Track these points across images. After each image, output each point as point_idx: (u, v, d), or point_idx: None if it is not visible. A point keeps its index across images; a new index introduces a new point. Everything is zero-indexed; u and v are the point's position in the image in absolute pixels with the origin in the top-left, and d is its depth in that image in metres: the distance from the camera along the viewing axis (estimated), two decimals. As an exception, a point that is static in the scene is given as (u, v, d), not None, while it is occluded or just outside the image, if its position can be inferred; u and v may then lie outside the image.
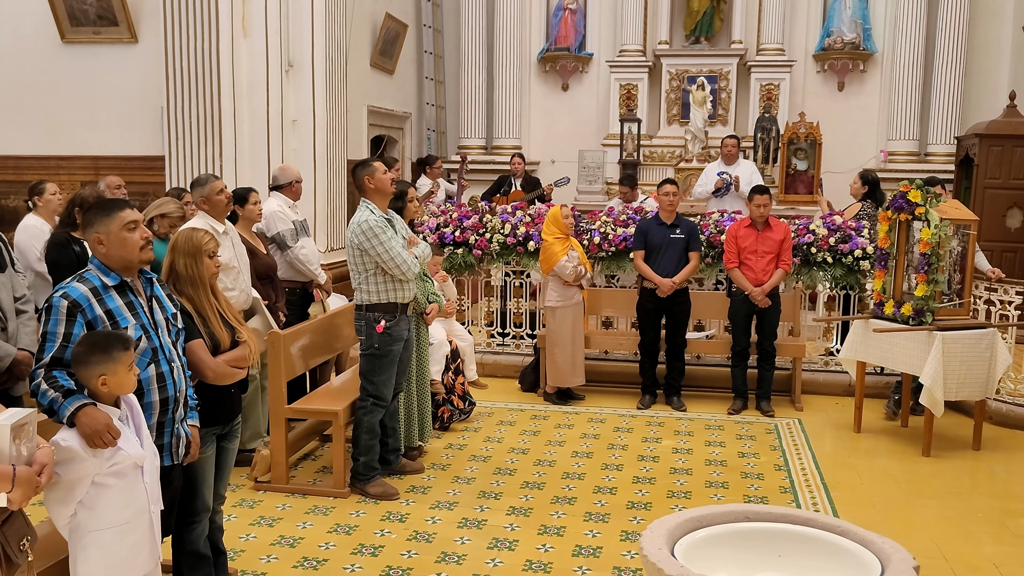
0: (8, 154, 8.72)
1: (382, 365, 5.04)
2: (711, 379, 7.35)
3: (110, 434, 2.75)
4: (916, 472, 5.58)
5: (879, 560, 2.22)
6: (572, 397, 7.08)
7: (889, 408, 6.71)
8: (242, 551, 4.33)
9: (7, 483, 2.33)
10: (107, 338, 2.83)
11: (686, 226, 6.87)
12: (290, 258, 6.02)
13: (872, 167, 10.02)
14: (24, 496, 2.40)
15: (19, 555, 2.44)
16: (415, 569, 4.16)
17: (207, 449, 3.51)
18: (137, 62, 8.38)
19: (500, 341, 7.98)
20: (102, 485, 2.75)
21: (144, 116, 8.35)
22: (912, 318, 5.84)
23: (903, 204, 5.91)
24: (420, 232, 6.73)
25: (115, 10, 8.35)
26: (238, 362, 3.60)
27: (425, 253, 5.35)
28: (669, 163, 11.08)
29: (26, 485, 2.40)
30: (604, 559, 4.29)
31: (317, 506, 4.92)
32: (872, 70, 11.39)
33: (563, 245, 6.72)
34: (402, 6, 11.05)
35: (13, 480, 2.35)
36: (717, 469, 5.59)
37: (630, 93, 11.50)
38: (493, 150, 12.08)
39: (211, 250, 3.60)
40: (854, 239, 7.05)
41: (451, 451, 5.89)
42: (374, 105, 10.34)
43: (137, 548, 2.84)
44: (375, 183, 4.97)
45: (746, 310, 6.71)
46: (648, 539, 2.26)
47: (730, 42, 11.34)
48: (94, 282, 2.98)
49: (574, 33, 11.87)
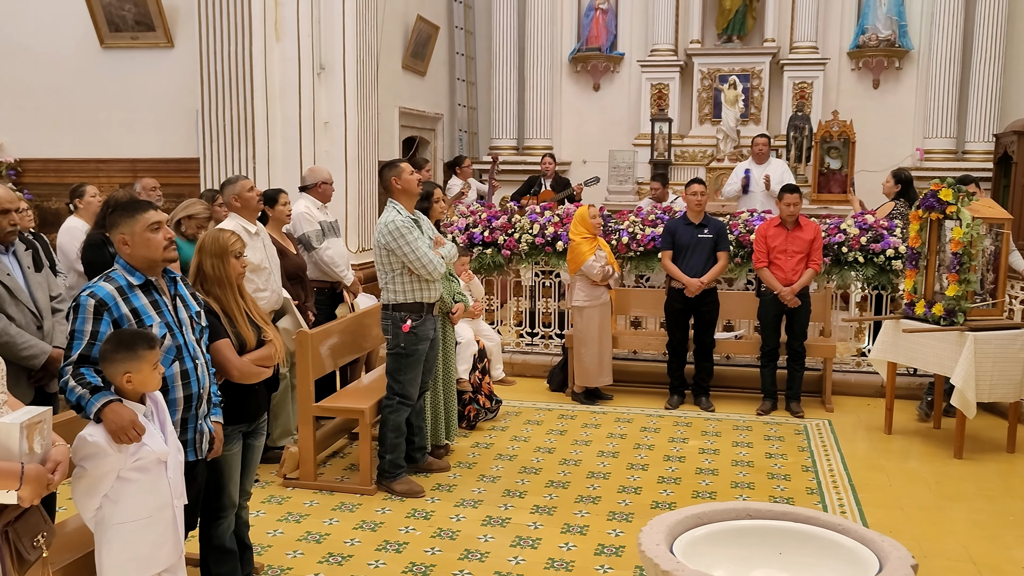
0: (49, 157, 8.93)
1: (408, 364, 5.10)
2: (740, 379, 7.31)
3: (135, 430, 2.82)
4: (947, 475, 5.51)
5: (878, 558, 2.22)
6: (600, 397, 7.09)
7: (921, 410, 6.63)
8: (269, 546, 4.41)
9: (15, 481, 2.38)
10: (133, 336, 2.90)
11: (714, 226, 6.84)
12: (315, 259, 6.10)
13: (908, 166, 9.89)
14: (34, 494, 2.44)
15: (32, 551, 2.49)
16: (438, 566, 4.21)
17: (233, 446, 3.59)
18: (173, 66, 8.53)
19: (529, 341, 8.01)
20: (126, 479, 2.83)
21: (179, 119, 8.49)
22: (943, 318, 5.76)
23: (934, 203, 5.84)
24: (448, 232, 6.79)
25: (152, 16, 8.51)
26: (263, 361, 3.66)
27: (451, 253, 5.39)
28: (700, 163, 11.03)
29: (36, 483, 2.43)
30: (627, 558, 4.30)
31: (344, 503, 4.99)
32: (908, 67, 11.22)
33: (590, 245, 6.73)
34: (434, 8, 11.12)
35: (21, 478, 2.39)
36: (744, 470, 5.56)
37: (661, 93, 11.46)
38: (524, 150, 12.10)
39: (237, 251, 3.67)
40: (886, 238, 6.98)
41: (477, 450, 5.93)
42: (406, 107, 10.41)
43: (160, 541, 2.91)
44: (402, 183, 5.04)
45: (775, 310, 6.67)
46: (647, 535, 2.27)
47: (763, 40, 11.24)
48: (120, 281, 3.07)
49: (605, 33, 11.85)
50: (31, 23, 8.82)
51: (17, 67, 8.85)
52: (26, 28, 8.83)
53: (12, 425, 2.38)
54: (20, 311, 3.98)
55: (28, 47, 8.82)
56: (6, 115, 8.92)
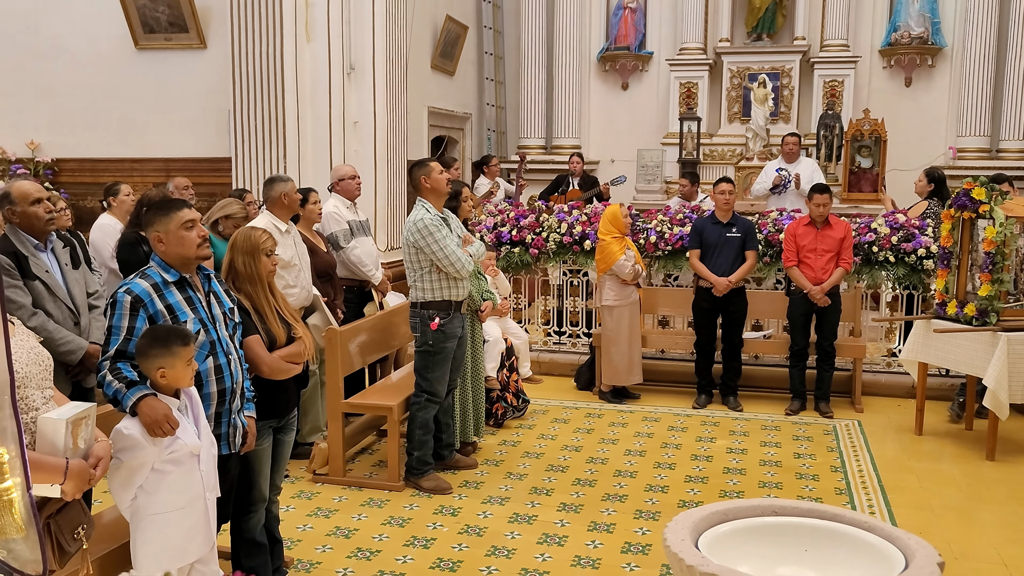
0: (85, 157, 9.08)
1: (436, 362, 5.14)
2: (769, 379, 7.28)
3: (169, 424, 2.88)
4: (979, 476, 5.45)
5: (904, 555, 2.21)
6: (627, 396, 7.09)
7: (953, 411, 6.56)
8: (299, 540, 4.47)
9: (59, 475, 2.45)
10: (168, 332, 2.96)
11: (742, 225, 6.82)
12: (343, 258, 6.15)
13: (940, 164, 9.77)
14: (77, 488, 2.52)
15: (72, 543, 2.57)
16: (465, 562, 4.24)
17: (263, 441, 3.64)
18: (206, 67, 8.64)
19: (556, 339, 8.03)
20: (161, 472, 2.90)
21: (212, 119, 8.60)
22: (976, 318, 5.70)
23: (966, 202, 5.78)
24: (476, 231, 6.82)
25: (185, 17, 8.63)
26: (293, 358, 3.72)
27: (480, 251, 5.42)
28: (729, 161, 10.97)
29: (78, 478, 2.51)
30: (653, 556, 4.30)
31: (372, 499, 5.04)
32: (941, 65, 11.09)
33: (620, 244, 6.73)
34: (462, 8, 11.16)
35: (65, 473, 2.46)
36: (771, 470, 5.54)
37: (690, 91, 11.42)
38: (552, 150, 12.11)
39: (268, 248, 3.72)
40: (917, 238, 6.91)
41: (504, 447, 5.96)
42: (434, 106, 10.47)
43: (193, 532, 2.97)
44: (431, 182, 5.07)
45: (805, 309, 6.63)
46: (672, 531, 2.28)
47: (793, 38, 11.17)
48: (155, 278, 3.14)
49: (634, 32, 11.83)
50: (69, 25, 8.98)
51: (55, 69, 9.01)
52: (64, 30, 8.99)
53: (59, 421, 2.44)
54: (58, 307, 4.07)
55: (66, 49, 8.99)
56: (44, 116, 9.09)
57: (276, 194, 5.30)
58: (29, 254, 4.02)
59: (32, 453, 2.38)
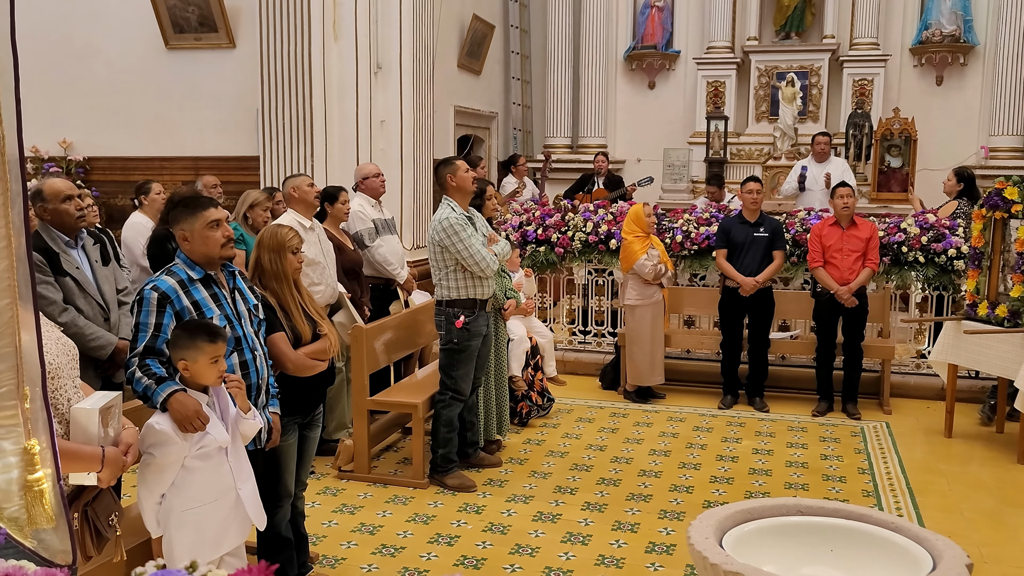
0: (116, 155, 9.20)
1: (461, 360, 5.15)
2: (795, 380, 7.22)
3: (199, 419, 2.91)
4: (1009, 480, 5.38)
5: (931, 556, 2.19)
6: (652, 396, 7.07)
7: (984, 413, 6.47)
8: (324, 536, 4.49)
9: (97, 464, 2.50)
10: (197, 326, 2.99)
11: (770, 224, 6.77)
12: (369, 257, 6.18)
13: (972, 164, 9.65)
14: (112, 475, 2.57)
15: (108, 529, 2.62)
16: (489, 560, 4.25)
17: (289, 437, 3.67)
18: (234, 66, 8.72)
19: (581, 339, 8.02)
20: (189, 468, 2.92)
21: (240, 118, 8.67)
22: (1007, 319, 5.62)
23: (998, 201, 5.70)
24: (502, 230, 6.83)
25: (215, 17, 8.71)
26: (318, 355, 3.74)
27: (505, 250, 5.43)
28: (757, 161, 10.90)
29: (114, 465, 2.56)
30: (677, 556, 4.28)
31: (397, 496, 5.06)
32: (973, 63, 10.94)
33: (643, 243, 6.71)
34: (489, 7, 11.17)
35: (103, 461, 2.51)
36: (798, 471, 5.50)
37: (717, 90, 11.36)
38: (578, 149, 12.10)
39: (294, 246, 3.75)
40: (947, 238, 6.83)
41: (529, 446, 5.96)
42: (461, 105, 10.49)
43: (225, 524, 3.01)
44: (457, 181, 5.09)
45: (832, 310, 6.57)
46: (696, 529, 2.27)
47: (822, 37, 11.08)
48: (181, 275, 3.17)
49: (661, 31, 11.79)
50: (101, 26, 9.10)
51: (88, 68, 9.14)
52: (96, 30, 9.11)
53: (92, 411, 2.49)
54: (88, 303, 4.13)
55: (98, 48, 9.11)
56: (77, 115, 9.22)
57: (287, 189, 5.38)
58: (60, 251, 4.08)
59: (68, 443, 2.43)
